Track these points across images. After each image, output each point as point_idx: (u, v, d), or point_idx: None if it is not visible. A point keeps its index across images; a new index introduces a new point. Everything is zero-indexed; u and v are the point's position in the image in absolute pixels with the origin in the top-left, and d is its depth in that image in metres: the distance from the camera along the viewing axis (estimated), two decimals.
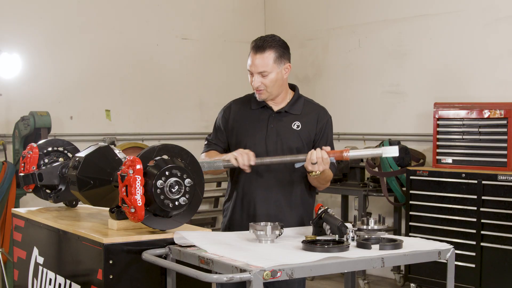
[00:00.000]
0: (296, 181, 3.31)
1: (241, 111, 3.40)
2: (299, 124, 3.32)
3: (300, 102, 3.38)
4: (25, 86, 6.44)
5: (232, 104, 3.46)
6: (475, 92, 6.02)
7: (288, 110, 3.34)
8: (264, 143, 3.29)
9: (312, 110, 3.38)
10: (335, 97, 7.34)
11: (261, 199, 3.27)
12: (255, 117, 3.35)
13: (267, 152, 3.28)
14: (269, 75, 3.23)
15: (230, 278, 2.21)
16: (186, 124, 7.50)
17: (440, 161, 5.80)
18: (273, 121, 3.33)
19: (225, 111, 3.45)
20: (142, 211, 2.55)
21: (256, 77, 3.23)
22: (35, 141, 3.73)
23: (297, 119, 3.34)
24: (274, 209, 3.27)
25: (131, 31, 7.14)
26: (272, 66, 3.22)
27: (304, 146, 3.30)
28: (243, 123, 3.36)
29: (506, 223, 5.23)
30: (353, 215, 3.84)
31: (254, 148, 3.25)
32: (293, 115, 3.34)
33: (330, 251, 2.46)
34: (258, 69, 3.21)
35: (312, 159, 3.02)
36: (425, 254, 2.62)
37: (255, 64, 3.21)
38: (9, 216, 5.17)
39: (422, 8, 6.53)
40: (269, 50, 3.22)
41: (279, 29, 7.89)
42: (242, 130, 3.35)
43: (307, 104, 3.40)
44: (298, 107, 3.36)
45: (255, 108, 3.37)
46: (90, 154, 2.86)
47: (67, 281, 2.89)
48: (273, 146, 3.29)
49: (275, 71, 3.24)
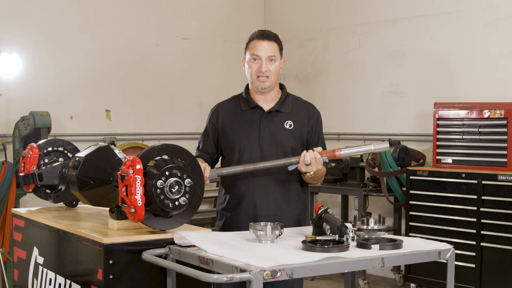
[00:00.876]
0: (292, 179, 3.32)
1: (230, 114, 3.40)
2: (291, 123, 3.34)
3: (289, 100, 3.41)
4: (25, 86, 6.44)
5: (219, 107, 3.46)
6: (475, 92, 6.02)
7: (278, 109, 3.36)
8: (258, 145, 3.30)
9: (302, 107, 3.41)
10: (335, 97, 7.34)
11: (259, 198, 3.28)
12: (246, 118, 3.36)
13: (262, 152, 3.28)
14: (276, 62, 3.32)
15: (230, 278, 2.21)
16: (186, 124, 7.50)
17: (440, 161, 5.80)
18: (264, 121, 3.33)
19: (212, 115, 3.45)
20: (142, 211, 2.55)
21: (265, 62, 3.28)
22: (35, 141, 3.73)
23: (288, 117, 3.35)
24: (272, 207, 3.28)
25: (131, 31, 7.14)
26: (278, 54, 3.34)
27: (298, 145, 3.32)
28: (234, 126, 3.37)
29: (506, 223, 5.23)
30: (353, 215, 3.84)
31: (249, 150, 3.27)
32: (284, 113, 3.35)
33: (330, 251, 2.46)
34: (268, 53, 3.29)
35: (306, 161, 3.09)
36: (425, 254, 2.62)
37: (266, 49, 3.29)
38: (9, 216, 5.17)
39: (422, 8, 6.53)
40: (274, 40, 3.34)
41: (279, 29, 7.86)
42: (234, 132, 3.35)
43: (296, 102, 3.43)
44: (288, 105, 3.38)
45: (246, 109, 3.38)
46: (90, 154, 2.86)
47: (67, 281, 2.89)
48: (267, 147, 3.30)
49: (278, 61, 3.34)
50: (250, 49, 3.32)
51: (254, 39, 3.32)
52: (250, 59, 3.31)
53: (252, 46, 3.31)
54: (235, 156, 3.34)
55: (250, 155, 3.30)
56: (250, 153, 3.30)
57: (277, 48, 3.33)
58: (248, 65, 3.33)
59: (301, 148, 3.32)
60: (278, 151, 3.28)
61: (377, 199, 6.58)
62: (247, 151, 3.30)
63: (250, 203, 3.30)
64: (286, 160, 3.16)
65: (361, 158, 6.34)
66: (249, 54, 3.32)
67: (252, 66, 3.31)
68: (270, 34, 3.34)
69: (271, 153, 3.28)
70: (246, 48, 3.35)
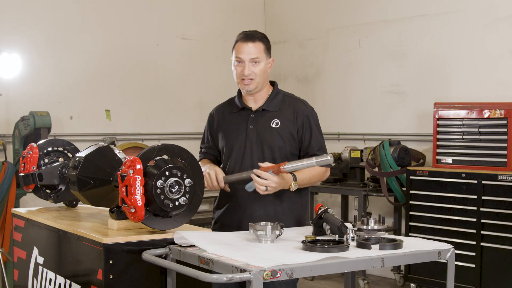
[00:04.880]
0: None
1: (223, 116, 3.43)
2: (278, 121, 3.31)
3: (278, 98, 3.37)
4: (25, 86, 6.44)
5: (214, 111, 3.50)
6: (475, 92, 6.02)
7: (266, 108, 3.34)
8: (244, 145, 3.30)
9: (290, 104, 3.36)
10: (335, 97, 7.34)
11: (253, 202, 3.27)
12: (236, 120, 3.38)
13: (252, 153, 3.28)
14: (260, 63, 3.27)
15: (230, 278, 2.21)
16: (186, 124, 7.50)
17: (440, 161, 5.80)
18: (252, 121, 3.33)
19: (209, 119, 3.50)
20: (142, 211, 2.55)
21: (248, 65, 3.25)
22: (35, 141, 3.73)
23: (275, 116, 3.32)
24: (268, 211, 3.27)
25: (131, 31, 7.14)
26: (263, 55, 3.28)
27: (285, 144, 3.29)
28: (226, 128, 3.39)
29: (506, 223, 5.23)
30: (353, 215, 3.84)
31: (237, 151, 3.29)
32: (271, 112, 3.33)
33: (330, 251, 2.46)
34: (251, 55, 3.25)
35: (261, 186, 3.04)
36: (425, 254, 2.62)
37: (248, 51, 3.25)
38: (9, 216, 5.16)
39: (422, 8, 6.53)
40: (259, 40, 3.28)
41: (279, 29, 7.90)
42: (226, 134, 3.38)
43: (286, 99, 3.38)
44: (277, 103, 3.35)
45: (235, 111, 3.40)
46: (90, 154, 2.86)
47: (67, 281, 2.89)
48: (254, 147, 3.29)
49: (264, 61, 3.29)
50: (235, 51, 3.30)
51: (239, 41, 3.29)
52: (235, 62, 3.30)
53: (236, 48, 3.29)
54: (225, 158, 3.38)
55: (238, 156, 3.31)
56: (238, 154, 3.31)
57: (262, 48, 3.27)
58: (234, 68, 3.32)
59: (291, 147, 3.29)
60: (265, 151, 3.27)
61: (377, 199, 6.58)
62: (234, 152, 3.32)
63: (236, 205, 3.31)
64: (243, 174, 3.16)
65: (361, 158, 6.34)
66: (234, 56, 3.31)
67: (236, 69, 3.30)
68: (255, 35, 3.28)
69: (258, 153, 3.28)
70: (232, 50, 3.33)
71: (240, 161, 3.30)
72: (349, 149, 6.40)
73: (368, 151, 6.25)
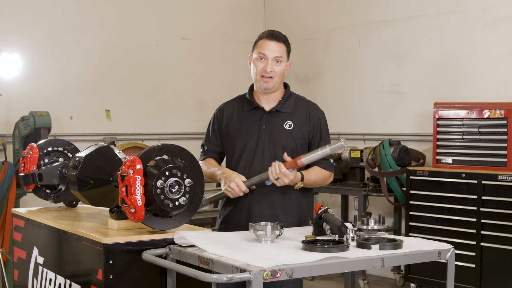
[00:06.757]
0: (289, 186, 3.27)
1: (233, 114, 3.41)
2: (291, 123, 3.33)
3: (291, 100, 3.39)
4: (25, 86, 6.44)
5: (224, 107, 3.47)
6: (475, 92, 6.02)
7: (279, 109, 3.35)
8: (257, 145, 3.30)
9: (303, 107, 3.39)
10: (335, 97, 7.34)
11: (256, 202, 3.27)
12: (248, 119, 3.36)
13: (263, 153, 3.28)
14: (281, 63, 3.31)
15: (230, 278, 2.21)
16: (186, 124, 7.50)
17: (440, 161, 5.80)
18: (265, 121, 3.33)
19: (217, 114, 3.46)
20: (142, 211, 2.55)
21: (270, 63, 3.27)
22: (35, 141, 3.73)
23: (289, 118, 3.33)
24: (269, 212, 3.27)
25: (131, 31, 7.14)
26: (285, 56, 3.33)
27: (297, 146, 3.30)
28: (236, 126, 3.37)
29: (506, 223, 5.23)
30: (353, 215, 3.84)
31: (248, 151, 3.28)
32: (285, 113, 3.34)
33: (330, 251, 2.46)
34: (275, 54, 3.28)
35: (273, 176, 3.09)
36: (425, 254, 2.62)
37: (273, 49, 3.28)
38: (9, 216, 5.17)
39: (422, 8, 6.53)
40: (283, 42, 3.34)
41: (279, 29, 7.83)
42: (236, 133, 3.36)
43: (298, 102, 3.41)
44: (290, 105, 3.36)
45: (248, 109, 3.38)
46: (90, 154, 2.86)
47: (67, 281, 2.89)
48: (266, 147, 3.29)
49: (284, 62, 3.33)
50: (257, 47, 3.32)
51: (263, 38, 3.32)
52: (257, 57, 3.31)
53: (260, 45, 3.31)
54: (235, 157, 3.35)
55: (249, 155, 3.30)
56: (249, 154, 3.30)
57: (285, 50, 3.33)
58: (254, 64, 3.32)
59: (302, 149, 3.31)
60: (277, 152, 3.27)
61: (377, 199, 6.58)
62: (246, 152, 3.31)
63: (244, 205, 3.31)
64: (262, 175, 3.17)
65: (361, 158, 6.34)
66: (256, 52, 3.32)
67: (257, 65, 3.30)
68: (280, 35, 3.33)
69: (270, 154, 3.28)
70: (254, 46, 3.35)
71: (250, 161, 3.29)
72: (349, 149, 6.40)
73: (368, 151, 6.25)
